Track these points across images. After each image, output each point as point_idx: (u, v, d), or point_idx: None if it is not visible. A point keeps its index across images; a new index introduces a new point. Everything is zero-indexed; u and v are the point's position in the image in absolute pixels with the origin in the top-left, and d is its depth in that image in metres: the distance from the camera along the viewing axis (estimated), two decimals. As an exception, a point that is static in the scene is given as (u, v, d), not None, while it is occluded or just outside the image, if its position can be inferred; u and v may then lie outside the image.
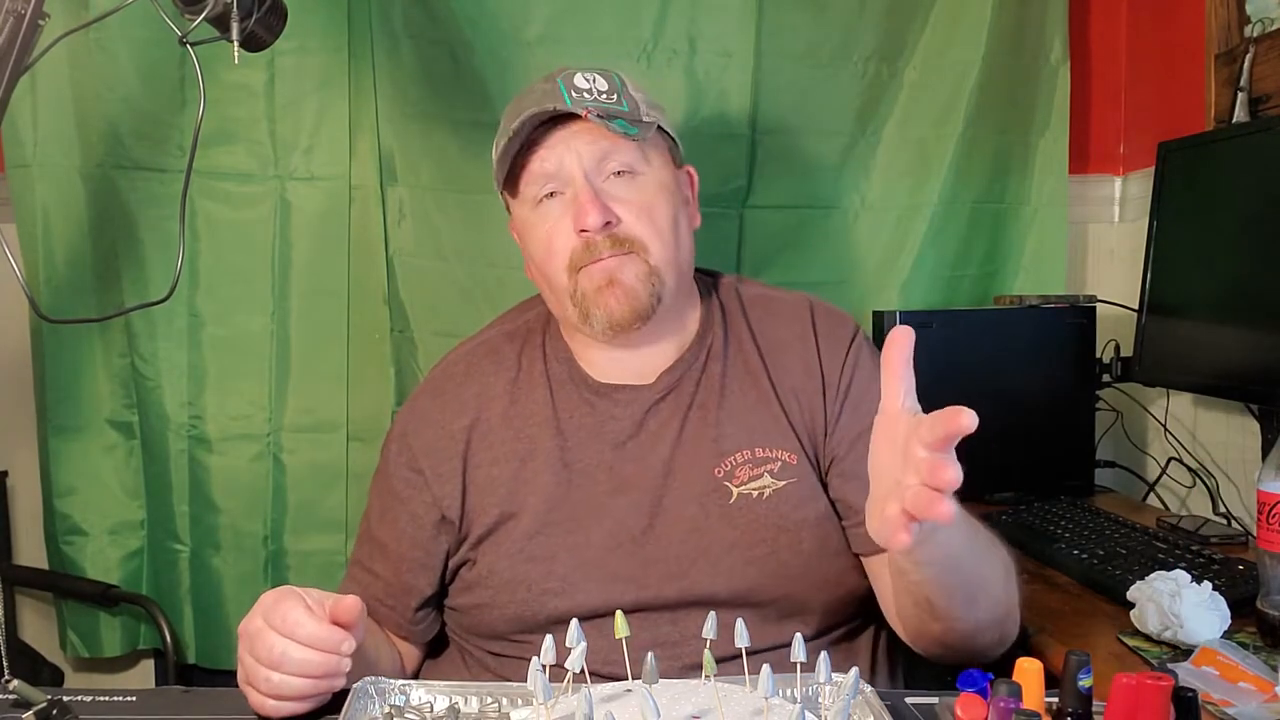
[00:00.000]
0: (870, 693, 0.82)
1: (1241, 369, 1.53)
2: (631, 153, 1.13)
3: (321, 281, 1.89)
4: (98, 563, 1.91)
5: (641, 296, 1.11)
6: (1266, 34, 1.66)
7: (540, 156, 1.12)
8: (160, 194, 1.84)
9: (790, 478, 1.13)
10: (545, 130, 1.13)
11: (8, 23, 1.08)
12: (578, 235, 1.11)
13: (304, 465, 1.91)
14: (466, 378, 1.21)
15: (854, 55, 1.95)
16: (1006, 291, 2.04)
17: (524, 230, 1.19)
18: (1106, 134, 2.12)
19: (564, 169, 1.12)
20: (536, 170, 1.13)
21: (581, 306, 1.12)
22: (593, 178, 1.12)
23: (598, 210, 1.09)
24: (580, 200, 1.10)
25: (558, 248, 1.12)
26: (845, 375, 1.17)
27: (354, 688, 0.84)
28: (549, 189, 1.13)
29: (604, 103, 1.11)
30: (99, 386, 1.90)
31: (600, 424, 1.16)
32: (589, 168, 1.12)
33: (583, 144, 1.11)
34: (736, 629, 0.83)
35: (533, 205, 1.15)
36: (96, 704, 0.90)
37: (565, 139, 1.12)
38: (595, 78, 1.15)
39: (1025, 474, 1.79)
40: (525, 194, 1.15)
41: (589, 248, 1.11)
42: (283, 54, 1.78)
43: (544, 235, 1.14)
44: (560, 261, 1.12)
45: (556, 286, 1.14)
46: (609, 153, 1.12)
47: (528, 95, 1.16)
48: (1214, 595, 1.15)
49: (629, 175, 1.13)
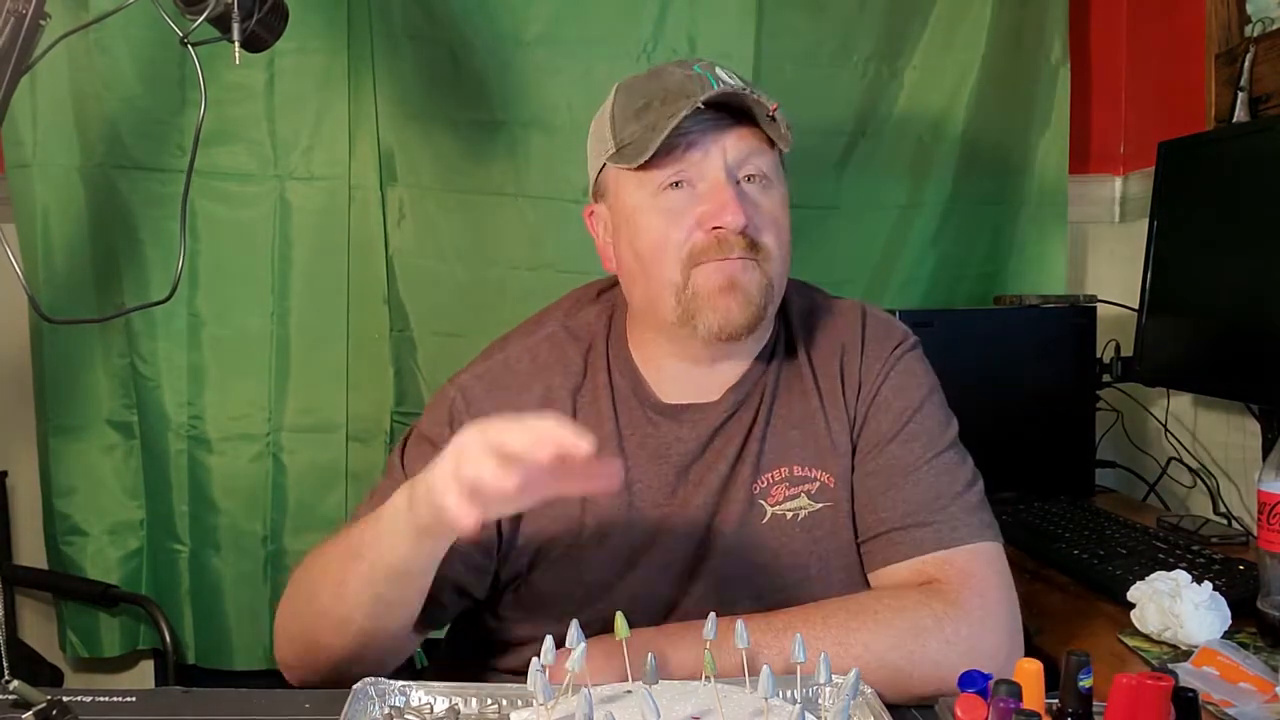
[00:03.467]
0: (870, 693, 0.82)
1: (1241, 369, 1.53)
2: (770, 160, 1.07)
3: (321, 281, 1.89)
4: (97, 563, 1.91)
5: (758, 306, 1.04)
6: (1267, 34, 1.66)
7: (687, 141, 1.03)
8: (160, 194, 1.84)
9: (827, 501, 1.08)
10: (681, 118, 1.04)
11: (9, 23, 1.08)
12: (707, 231, 1.03)
13: (304, 465, 1.91)
14: (531, 376, 1.12)
15: (854, 55, 1.95)
16: (1006, 291, 2.04)
17: (632, 216, 1.07)
18: (1106, 134, 2.12)
19: (707, 160, 1.04)
20: (678, 154, 1.04)
21: (689, 306, 1.04)
22: (732, 175, 1.04)
23: (741, 210, 1.02)
24: (723, 197, 1.02)
25: (676, 239, 1.04)
26: (876, 384, 1.11)
27: (354, 689, 0.84)
28: (679, 176, 1.05)
29: (733, 88, 1.04)
30: (99, 386, 1.90)
31: (665, 446, 1.09)
32: (731, 164, 1.04)
33: (732, 140, 1.04)
34: (736, 629, 0.83)
35: (655, 190, 1.05)
36: (96, 704, 0.90)
37: (715, 129, 1.04)
38: (735, 75, 1.08)
39: (1025, 474, 1.79)
40: (651, 178, 1.05)
41: (720, 244, 1.03)
42: (283, 54, 1.79)
43: (660, 225, 1.05)
44: (676, 254, 1.04)
45: (660, 280, 1.05)
46: (752, 155, 1.05)
47: (664, 75, 1.07)
48: (1214, 595, 1.15)
49: (764, 182, 1.06)
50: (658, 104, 1.04)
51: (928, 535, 1.03)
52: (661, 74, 1.08)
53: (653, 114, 1.04)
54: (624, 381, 1.12)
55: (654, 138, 1.02)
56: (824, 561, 1.08)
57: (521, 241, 1.90)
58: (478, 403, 1.10)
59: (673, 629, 1.00)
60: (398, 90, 1.86)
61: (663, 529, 1.08)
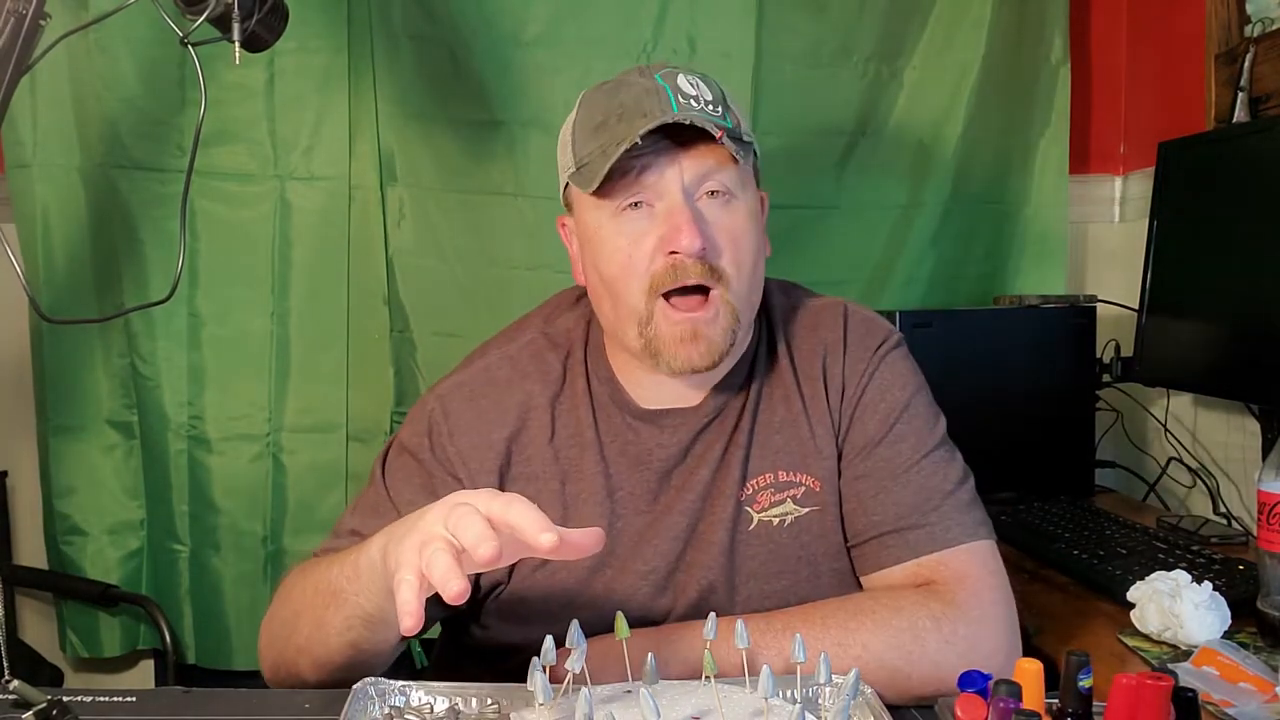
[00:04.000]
0: (870, 693, 0.82)
1: (1241, 369, 1.52)
2: (732, 175, 1.03)
3: (321, 281, 1.89)
4: (97, 563, 1.91)
5: (721, 346, 1.03)
6: (1267, 34, 1.66)
7: (642, 164, 1.01)
8: (160, 194, 1.84)
9: (813, 505, 1.07)
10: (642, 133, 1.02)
11: (9, 23, 1.08)
12: (665, 255, 1.01)
13: (303, 465, 1.92)
14: (509, 385, 1.10)
15: (854, 55, 1.95)
16: (1006, 291, 2.04)
17: (594, 237, 1.06)
18: (1106, 134, 2.12)
19: (663, 181, 1.01)
20: (632, 178, 1.01)
21: (652, 343, 1.03)
22: (689, 195, 1.02)
23: (697, 235, 0.99)
24: (678, 221, 1.00)
25: (638, 265, 1.02)
26: (860, 384, 1.09)
27: (354, 689, 0.84)
28: (637, 198, 1.02)
29: (710, 114, 1.01)
30: (99, 386, 1.90)
31: (645, 451, 1.09)
32: (689, 184, 1.02)
33: (689, 159, 1.01)
34: (736, 630, 0.83)
35: (614, 212, 1.03)
36: (96, 704, 0.90)
37: (670, 150, 1.01)
38: (699, 83, 1.04)
39: (1025, 474, 1.79)
40: (609, 201, 1.03)
41: (676, 271, 1.01)
42: (283, 54, 1.79)
43: (622, 248, 1.03)
44: (639, 282, 1.02)
45: (625, 305, 1.04)
46: (711, 172, 1.02)
47: (623, 89, 1.04)
48: (1214, 595, 1.15)
49: (724, 198, 1.04)
50: (614, 121, 1.02)
51: (921, 537, 1.03)
52: (621, 87, 1.05)
53: (607, 134, 1.02)
54: (602, 388, 1.11)
55: (603, 164, 1.00)
56: (813, 566, 1.08)
57: (521, 241, 1.90)
58: (456, 413, 1.09)
59: (672, 629, 1.00)
60: (398, 90, 1.86)
61: (645, 536, 1.07)
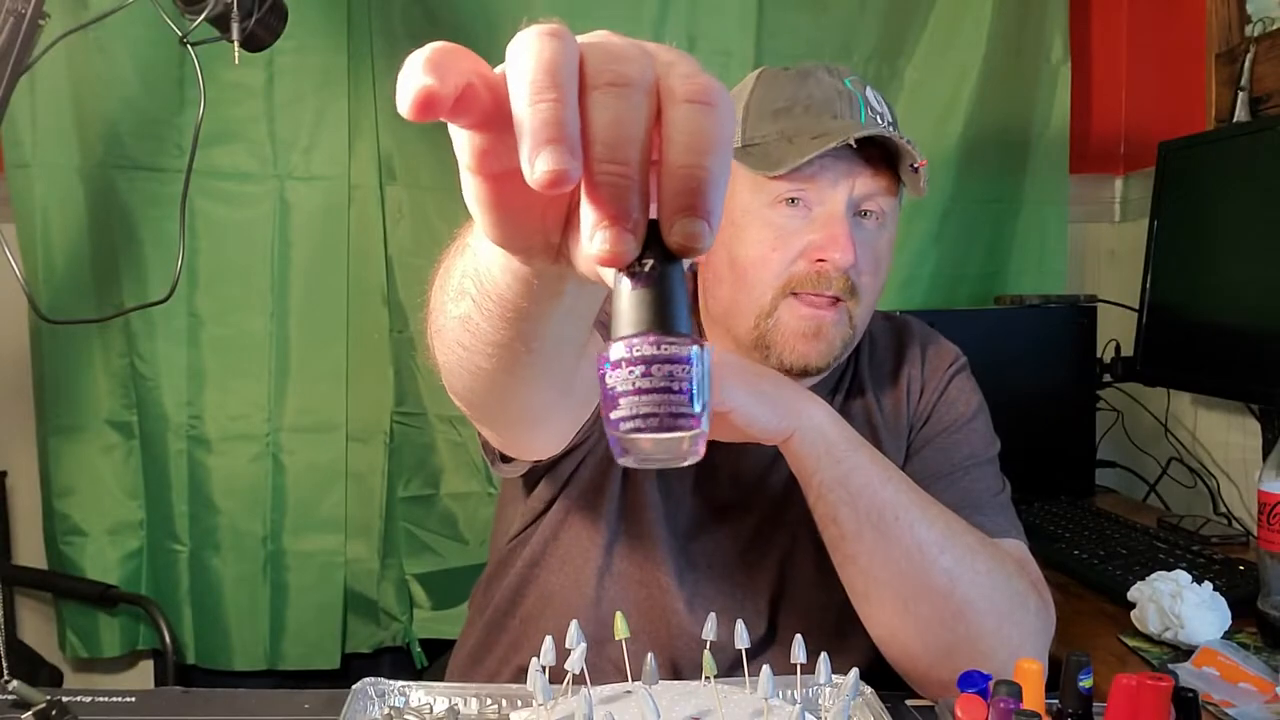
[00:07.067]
0: (870, 694, 0.82)
1: (1241, 369, 1.53)
2: (890, 201, 1.02)
3: (321, 281, 1.89)
4: (97, 563, 1.91)
5: (837, 351, 1.02)
6: (1267, 34, 1.66)
7: (820, 164, 0.98)
8: (160, 194, 1.84)
9: None
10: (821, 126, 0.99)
11: (8, 23, 1.08)
12: (811, 261, 1.00)
13: (303, 465, 1.92)
14: None
15: (854, 55, 1.95)
16: (1007, 291, 2.04)
17: (739, 219, 1.03)
18: (1106, 134, 2.12)
19: (835, 190, 0.99)
20: (804, 174, 0.99)
21: (768, 336, 1.02)
22: (851, 209, 1.01)
23: (851, 251, 0.98)
24: (836, 232, 0.98)
25: (777, 261, 1.00)
26: (930, 400, 1.11)
27: (354, 689, 0.84)
28: (799, 194, 1.00)
29: (890, 135, 0.98)
30: (98, 386, 1.89)
31: (735, 458, 1.08)
32: (855, 198, 1.00)
33: (865, 175, 1.00)
34: (736, 630, 0.83)
35: (770, 201, 1.01)
36: (96, 704, 0.90)
37: (851, 160, 0.99)
38: (881, 100, 1.03)
39: (1025, 474, 1.77)
40: (774, 186, 1.00)
41: (819, 279, 0.99)
42: (282, 54, 1.78)
43: (767, 239, 1.01)
44: (775, 279, 1.01)
45: (748, 296, 1.02)
46: (876, 194, 1.01)
47: (811, 82, 1.02)
48: (1214, 595, 1.15)
49: (878, 221, 1.03)
50: (800, 111, 1.00)
51: (983, 523, 1.01)
52: (808, 78, 1.03)
53: (792, 122, 1.00)
54: None
55: (791, 154, 0.98)
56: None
57: (521, 241, 1.90)
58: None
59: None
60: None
61: (720, 532, 1.08)
